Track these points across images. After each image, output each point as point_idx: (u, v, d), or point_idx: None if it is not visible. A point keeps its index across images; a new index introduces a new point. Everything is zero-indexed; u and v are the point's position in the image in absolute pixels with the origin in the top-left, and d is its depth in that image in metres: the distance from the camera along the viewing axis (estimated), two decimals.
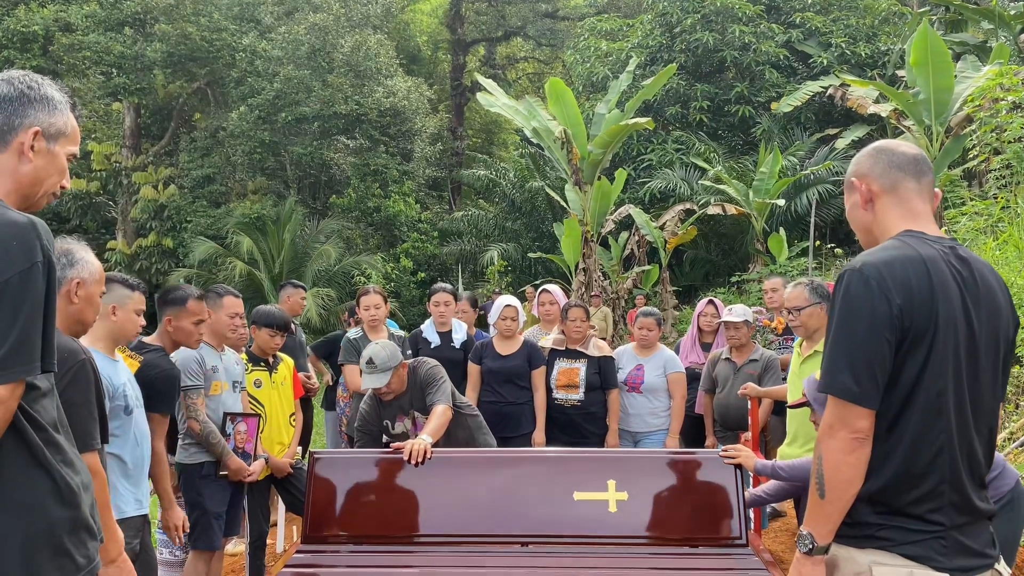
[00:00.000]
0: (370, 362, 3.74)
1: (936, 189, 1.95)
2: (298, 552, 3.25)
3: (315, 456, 3.46)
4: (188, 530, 3.56)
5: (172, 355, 3.75)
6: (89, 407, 2.20)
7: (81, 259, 2.33)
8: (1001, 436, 5.44)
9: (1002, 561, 1.85)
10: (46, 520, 1.59)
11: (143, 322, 3.18)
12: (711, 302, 5.80)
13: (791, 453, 4.00)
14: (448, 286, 5.53)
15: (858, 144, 16.10)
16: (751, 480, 4.17)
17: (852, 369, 1.71)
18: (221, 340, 3.88)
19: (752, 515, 4.17)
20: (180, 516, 3.46)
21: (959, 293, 1.76)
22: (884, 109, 13.09)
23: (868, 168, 1.92)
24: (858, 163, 1.96)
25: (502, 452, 3.88)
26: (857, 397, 1.71)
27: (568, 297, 6.27)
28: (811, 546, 1.79)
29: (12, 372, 1.48)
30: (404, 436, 3.94)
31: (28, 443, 1.58)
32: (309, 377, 5.45)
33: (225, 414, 3.83)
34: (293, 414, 4.39)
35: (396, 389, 3.88)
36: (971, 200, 10.02)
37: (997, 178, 9.51)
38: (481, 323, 7.32)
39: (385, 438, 4.12)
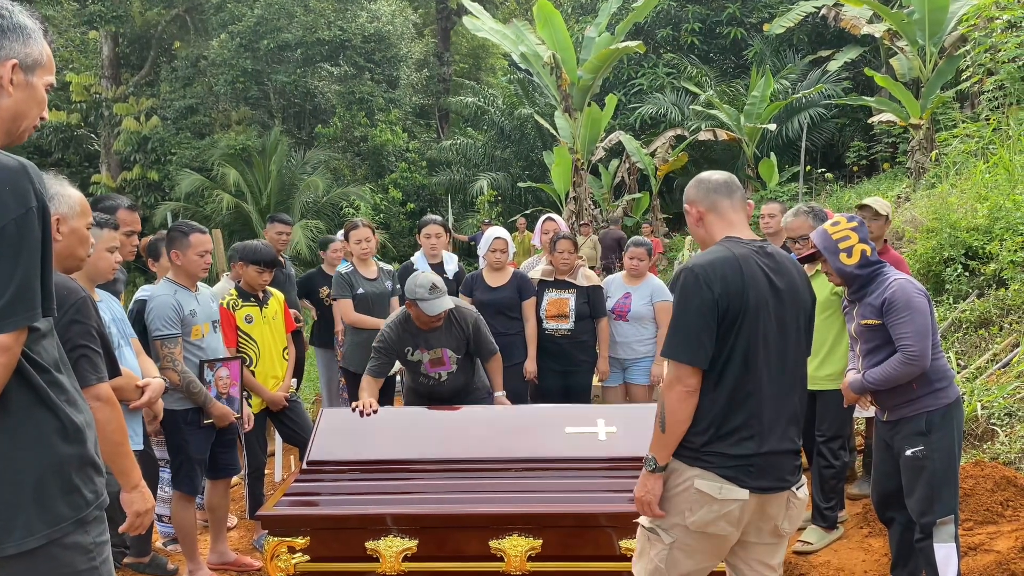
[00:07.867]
0: (434, 287, 3.84)
1: (749, 200, 2.50)
2: (297, 481, 3.33)
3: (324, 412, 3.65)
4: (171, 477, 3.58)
5: (149, 302, 3.69)
6: (94, 342, 2.22)
7: (57, 194, 2.23)
8: (984, 357, 5.55)
9: (803, 486, 2.41)
10: (55, 458, 1.61)
11: (119, 258, 3.15)
12: None
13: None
14: (438, 217, 5.51)
15: (850, 66, 15.85)
16: None
17: (686, 340, 2.27)
18: (194, 280, 3.82)
19: None
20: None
21: (766, 280, 2.33)
22: (878, 29, 12.86)
23: (694, 196, 2.50)
24: (687, 193, 2.54)
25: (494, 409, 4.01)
26: (691, 359, 2.27)
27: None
28: (654, 466, 2.35)
29: (16, 320, 1.49)
30: (418, 364, 4.08)
31: (32, 385, 1.59)
32: (298, 317, 5.41)
33: (202, 362, 3.76)
34: (286, 348, 4.42)
35: (442, 317, 3.95)
36: (963, 122, 9.94)
37: (990, 100, 9.42)
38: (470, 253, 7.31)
39: (398, 364, 4.26)
